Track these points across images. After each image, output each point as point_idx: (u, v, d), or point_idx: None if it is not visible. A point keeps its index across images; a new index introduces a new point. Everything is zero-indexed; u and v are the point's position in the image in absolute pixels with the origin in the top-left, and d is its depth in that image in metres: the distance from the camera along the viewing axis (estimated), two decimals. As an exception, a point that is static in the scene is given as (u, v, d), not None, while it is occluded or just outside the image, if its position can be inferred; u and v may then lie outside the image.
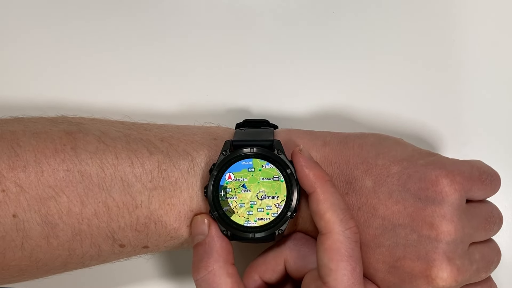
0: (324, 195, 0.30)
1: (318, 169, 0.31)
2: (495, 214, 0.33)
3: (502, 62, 0.42)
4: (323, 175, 0.31)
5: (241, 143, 0.32)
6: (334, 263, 0.29)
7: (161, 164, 0.32)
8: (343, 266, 0.29)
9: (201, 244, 0.31)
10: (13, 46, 0.42)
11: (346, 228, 0.30)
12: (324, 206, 0.30)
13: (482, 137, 0.41)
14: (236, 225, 0.32)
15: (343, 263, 0.29)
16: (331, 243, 0.30)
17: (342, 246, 0.29)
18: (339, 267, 0.29)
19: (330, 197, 0.30)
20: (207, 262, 0.30)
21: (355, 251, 0.30)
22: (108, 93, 0.42)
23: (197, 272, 0.31)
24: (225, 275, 0.30)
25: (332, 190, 0.31)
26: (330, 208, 0.30)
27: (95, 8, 0.42)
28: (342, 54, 0.42)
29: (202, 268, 0.30)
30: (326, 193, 0.30)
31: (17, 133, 0.31)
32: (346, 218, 0.30)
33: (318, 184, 0.31)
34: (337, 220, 0.30)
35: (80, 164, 0.31)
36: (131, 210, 0.31)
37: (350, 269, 0.29)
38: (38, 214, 0.30)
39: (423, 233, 0.30)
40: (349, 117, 0.41)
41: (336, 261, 0.29)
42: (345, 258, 0.29)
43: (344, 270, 0.29)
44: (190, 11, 0.43)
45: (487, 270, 0.32)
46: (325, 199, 0.30)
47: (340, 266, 0.29)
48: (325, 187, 0.30)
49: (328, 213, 0.30)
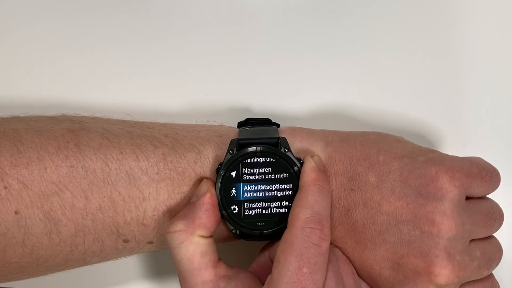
0: (303, 193, 0.30)
1: (317, 173, 0.31)
2: (495, 210, 0.33)
3: (502, 61, 0.42)
4: (317, 178, 0.31)
5: (247, 142, 0.32)
6: (282, 256, 0.29)
7: (167, 156, 0.32)
8: (289, 261, 0.28)
9: (189, 204, 0.31)
10: (13, 45, 0.42)
11: (307, 226, 0.29)
12: (297, 202, 0.30)
13: (482, 137, 0.41)
14: (245, 224, 0.32)
15: (291, 257, 0.28)
16: (288, 236, 0.29)
17: (296, 241, 0.29)
18: (286, 261, 0.28)
19: (308, 197, 0.30)
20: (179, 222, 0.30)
21: (310, 252, 0.29)
22: (110, 92, 0.42)
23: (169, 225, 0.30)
24: (188, 241, 0.29)
25: (316, 192, 0.30)
26: (300, 204, 0.30)
27: (97, 6, 0.43)
28: (343, 52, 0.42)
29: (172, 224, 0.30)
30: (307, 192, 0.30)
31: (19, 131, 0.31)
32: (313, 219, 0.29)
33: (306, 184, 0.31)
34: (301, 217, 0.29)
35: (84, 160, 0.31)
36: (138, 204, 0.31)
37: (295, 266, 0.28)
38: (41, 211, 0.30)
39: (425, 230, 0.30)
40: (350, 115, 0.41)
41: (285, 254, 0.29)
42: (294, 254, 0.28)
43: (289, 265, 0.28)
44: (192, 9, 0.43)
45: (489, 267, 0.32)
46: (302, 197, 0.30)
47: (286, 260, 0.28)
48: (310, 188, 0.31)
49: (297, 208, 0.30)
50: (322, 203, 0.30)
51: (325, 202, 0.31)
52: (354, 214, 0.32)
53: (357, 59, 0.42)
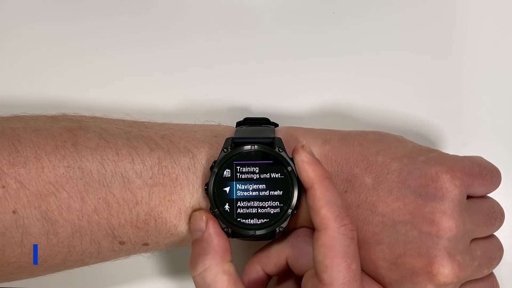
0: (321, 192, 0.30)
1: (318, 166, 0.31)
2: (496, 209, 0.33)
3: (502, 61, 0.42)
4: (322, 172, 0.31)
5: (242, 141, 0.32)
6: (329, 260, 0.29)
7: (162, 161, 0.32)
8: (338, 263, 0.29)
9: (199, 241, 0.31)
10: (13, 45, 0.42)
11: (341, 224, 0.29)
12: (320, 202, 0.30)
13: (482, 137, 0.41)
14: (236, 222, 0.32)
15: (338, 259, 0.29)
16: (326, 240, 0.29)
17: (337, 242, 0.29)
18: (334, 264, 0.29)
19: (327, 194, 0.30)
20: (204, 259, 0.30)
21: (351, 248, 0.29)
22: (109, 92, 0.42)
23: (194, 269, 0.31)
24: (221, 273, 0.30)
25: (329, 187, 0.30)
26: (325, 204, 0.30)
27: (97, 6, 0.43)
28: (343, 52, 0.42)
29: (199, 265, 0.30)
30: (323, 189, 0.30)
31: (18, 130, 0.31)
32: (342, 215, 0.30)
33: (316, 180, 0.30)
34: (332, 217, 0.30)
35: (81, 161, 0.31)
36: (131, 207, 0.31)
37: (345, 265, 0.29)
38: (38, 211, 0.30)
39: (424, 230, 0.30)
40: (349, 115, 0.41)
41: (330, 258, 0.29)
42: (339, 255, 0.29)
43: (339, 267, 0.29)
44: (191, 9, 0.43)
45: (489, 266, 0.32)
46: (322, 196, 0.30)
47: (334, 262, 0.29)
48: (323, 184, 0.30)
49: (323, 209, 0.30)
50: (337, 194, 0.31)
51: (339, 193, 0.31)
52: None
53: (357, 59, 0.42)
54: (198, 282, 0.30)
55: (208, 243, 0.31)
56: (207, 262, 0.30)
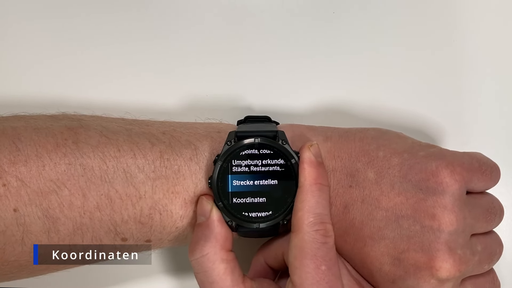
0: (305, 195, 0.31)
1: (315, 169, 0.31)
2: (496, 205, 0.33)
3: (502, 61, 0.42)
4: (316, 176, 0.31)
5: (245, 134, 0.32)
6: (298, 261, 0.29)
7: (164, 154, 0.32)
8: (306, 264, 0.29)
9: (201, 226, 0.31)
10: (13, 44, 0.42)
11: (313, 229, 0.30)
12: (300, 204, 0.30)
13: (482, 137, 0.41)
14: (240, 215, 0.32)
15: (306, 260, 0.29)
16: (297, 241, 0.30)
17: (306, 245, 0.30)
18: (303, 265, 0.29)
19: (310, 199, 0.30)
20: (203, 246, 0.30)
21: (321, 250, 0.30)
22: (109, 91, 0.42)
23: (192, 253, 0.31)
24: (219, 261, 0.30)
25: (316, 193, 0.31)
26: (303, 208, 0.30)
27: (96, 5, 0.43)
28: (343, 52, 0.42)
29: (197, 250, 0.30)
30: (308, 193, 0.31)
31: (19, 129, 0.31)
32: (316, 222, 0.30)
33: (306, 183, 0.31)
34: (306, 221, 0.30)
35: (82, 158, 0.31)
36: (135, 202, 0.31)
37: (313, 267, 0.29)
38: (39, 208, 0.30)
39: (426, 224, 0.30)
40: (350, 113, 0.41)
41: (299, 259, 0.29)
42: (308, 256, 0.29)
43: (307, 268, 0.29)
44: (192, 8, 0.43)
45: (490, 262, 0.32)
46: (303, 199, 0.30)
47: (303, 263, 0.29)
48: (311, 188, 0.31)
49: (300, 212, 0.30)
50: (322, 202, 0.31)
51: (325, 201, 0.31)
52: (352, 211, 0.32)
53: (357, 59, 0.42)
54: (195, 267, 0.31)
55: (210, 230, 0.31)
56: (206, 249, 0.30)
